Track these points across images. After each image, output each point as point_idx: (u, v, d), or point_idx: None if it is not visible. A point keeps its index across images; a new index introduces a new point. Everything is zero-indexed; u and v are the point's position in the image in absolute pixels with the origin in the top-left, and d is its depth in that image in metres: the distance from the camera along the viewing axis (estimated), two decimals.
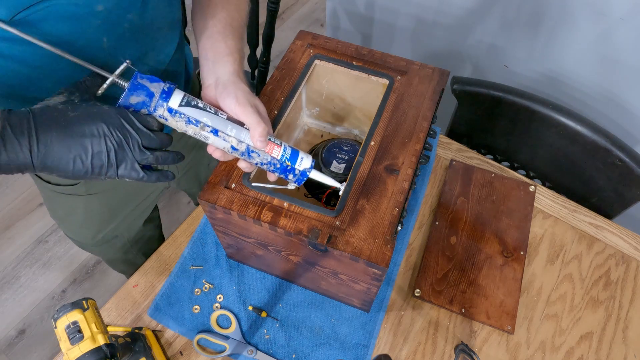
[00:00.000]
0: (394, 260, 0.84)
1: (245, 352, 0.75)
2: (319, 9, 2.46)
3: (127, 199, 0.92)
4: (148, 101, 0.52)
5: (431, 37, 1.38)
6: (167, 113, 0.53)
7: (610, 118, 1.17)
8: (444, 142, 1.00)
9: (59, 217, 0.93)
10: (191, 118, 0.54)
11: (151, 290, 0.82)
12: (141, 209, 0.96)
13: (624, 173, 0.94)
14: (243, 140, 0.56)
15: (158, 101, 0.52)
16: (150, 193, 0.95)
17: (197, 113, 0.54)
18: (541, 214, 0.91)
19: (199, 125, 0.54)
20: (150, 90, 0.52)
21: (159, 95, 0.52)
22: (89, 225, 0.92)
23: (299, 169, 0.60)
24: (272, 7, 1.29)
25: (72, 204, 0.86)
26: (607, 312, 0.81)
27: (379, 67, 0.76)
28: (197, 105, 0.55)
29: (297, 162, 0.60)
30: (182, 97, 0.54)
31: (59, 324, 0.59)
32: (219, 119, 0.56)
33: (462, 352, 0.74)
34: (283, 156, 0.59)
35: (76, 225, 0.93)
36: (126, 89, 0.51)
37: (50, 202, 0.89)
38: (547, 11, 1.10)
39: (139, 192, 0.92)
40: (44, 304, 1.58)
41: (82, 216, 0.89)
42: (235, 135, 0.56)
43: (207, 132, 0.55)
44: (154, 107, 0.52)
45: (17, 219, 1.74)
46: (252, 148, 0.57)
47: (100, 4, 0.56)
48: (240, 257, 0.82)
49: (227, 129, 0.56)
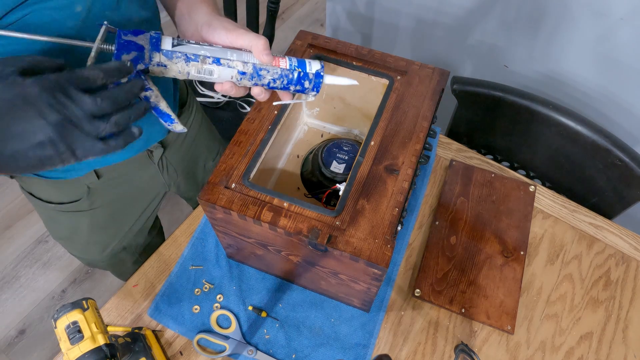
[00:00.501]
0: (394, 260, 0.84)
1: (245, 352, 0.75)
2: (319, 9, 2.46)
3: (132, 208, 0.90)
4: (141, 54, 0.50)
5: (431, 37, 1.38)
6: (164, 58, 0.51)
7: (610, 118, 1.17)
8: (444, 142, 1.00)
9: (64, 238, 0.90)
10: (189, 54, 0.52)
11: (151, 290, 0.82)
12: (146, 215, 0.95)
13: (624, 173, 0.94)
14: (248, 61, 0.55)
15: (151, 51, 0.50)
16: (153, 198, 0.94)
17: (193, 48, 0.52)
18: (541, 214, 0.91)
19: (199, 59, 0.52)
20: (138, 44, 0.49)
21: (149, 44, 0.50)
22: (96, 241, 0.91)
23: (311, 72, 0.59)
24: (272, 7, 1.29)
25: (77, 220, 0.84)
26: (607, 312, 0.81)
27: (379, 67, 0.76)
28: (189, 42, 0.53)
29: (307, 67, 0.59)
30: (172, 39, 0.52)
31: (59, 324, 0.59)
32: (217, 49, 0.54)
33: (462, 352, 0.74)
34: (291, 64, 0.57)
35: (82, 243, 0.91)
36: (114, 51, 0.49)
37: (53, 223, 0.86)
38: (547, 11, 1.10)
39: (141, 198, 0.91)
40: (44, 304, 1.58)
41: (87, 232, 0.87)
42: (238, 58, 0.54)
43: (210, 64, 0.53)
44: (149, 58, 0.50)
45: (17, 219, 1.74)
46: (260, 66, 0.55)
47: (79, 4, 0.54)
48: (240, 257, 0.82)
49: (227, 54, 0.54)
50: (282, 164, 0.85)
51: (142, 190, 0.89)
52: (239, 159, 0.66)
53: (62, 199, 0.78)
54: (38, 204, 0.80)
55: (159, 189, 0.93)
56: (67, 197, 0.78)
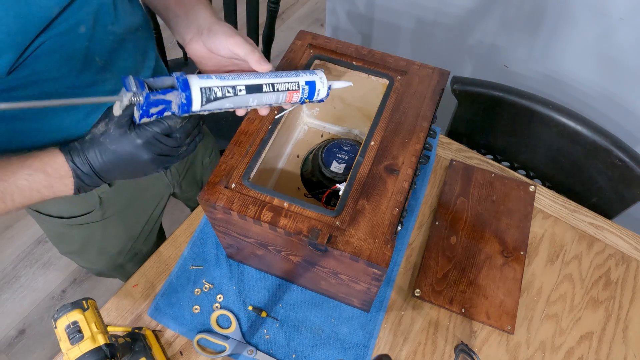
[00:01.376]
0: (394, 260, 0.84)
1: (245, 352, 0.75)
2: (319, 9, 2.46)
3: (140, 213, 0.90)
4: (169, 106, 0.52)
5: (431, 37, 1.38)
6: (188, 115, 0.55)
7: (610, 118, 1.17)
8: (444, 142, 1.00)
9: (74, 251, 0.89)
10: (214, 110, 0.55)
11: (151, 290, 0.82)
12: (153, 219, 0.95)
13: (624, 173, 0.94)
14: (266, 103, 0.59)
15: (179, 112, 0.52)
16: (159, 201, 0.94)
17: (218, 104, 0.54)
18: (541, 214, 0.91)
19: (222, 109, 0.56)
20: (169, 105, 0.51)
21: (179, 109, 0.52)
22: (109, 250, 0.90)
23: (317, 99, 0.64)
24: (272, 7, 1.29)
25: (89, 232, 0.83)
26: (607, 312, 0.81)
27: (379, 67, 0.76)
28: (216, 96, 0.54)
29: (315, 96, 0.64)
30: (201, 97, 0.52)
31: (59, 324, 0.59)
32: (238, 98, 0.56)
33: (462, 352, 0.74)
34: (302, 98, 0.62)
35: (94, 255, 0.90)
36: (143, 107, 0.50)
37: (62, 238, 0.85)
38: (547, 11, 1.10)
39: (149, 202, 0.91)
40: (44, 304, 1.58)
41: (99, 243, 0.87)
42: (258, 103, 0.58)
43: (229, 109, 0.57)
44: (179, 112, 0.53)
45: (17, 219, 1.74)
46: (275, 105, 0.61)
47: (82, 25, 0.56)
48: (240, 257, 0.82)
49: (249, 101, 0.57)
50: (282, 164, 0.85)
51: (149, 194, 0.89)
52: (239, 159, 0.66)
53: (74, 212, 0.78)
54: (46, 221, 0.79)
55: (163, 191, 0.93)
56: (79, 210, 0.78)
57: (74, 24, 0.55)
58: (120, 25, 0.62)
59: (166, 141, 0.54)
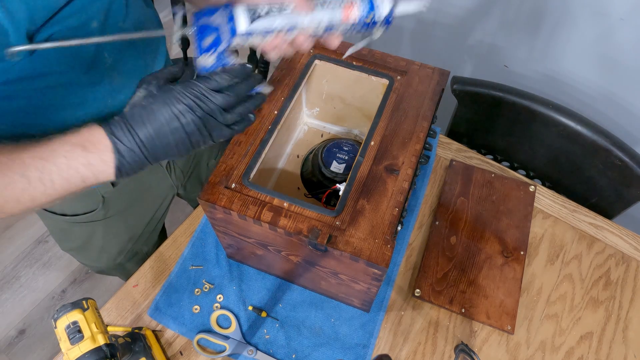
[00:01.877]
0: (394, 260, 0.84)
1: (245, 352, 0.75)
2: None
3: (143, 213, 0.90)
4: (218, 39, 0.50)
5: (431, 37, 1.38)
6: (240, 40, 0.51)
7: (610, 118, 1.17)
8: (444, 142, 1.00)
9: (75, 248, 0.90)
10: (265, 31, 0.51)
11: (151, 290, 0.82)
12: (156, 219, 0.96)
13: (624, 173, 0.94)
14: (320, 22, 0.53)
15: (230, 36, 0.50)
16: (162, 202, 0.94)
17: (266, 23, 0.51)
18: (541, 214, 0.91)
19: (274, 32, 0.52)
20: (214, 26, 0.50)
21: (227, 26, 0.50)
22: (110, 249, 0.91)
23: (380, 21, 0.55)
24: None
25: (91, 230, 0.84)
26: (607, 312, 0.81)
27: (379, 67, 0.76)
28: (262, 13, 0.51)
29: (376, 13, 0.54)
30: (247, 14, 0.51)
31: (59, 324, 0.59)
32: (288, 17, 0.52)
33: (462, 352, 0.74)
34: (361, 17, 0.54)
35: (95, 252, 0.90)
36: (196, 37, 0.49)
37: (64, 234, 0.86)
38: (547, 11, 1.10)
39: (152, 202, 0.91)
40: (44, 304, 1.58)
41: (101, 242, 0.87)
42: (310, 23, 0.53)
43: (285, 33, 0.52)
44: (227, 40, 0.50)
45: (17, 219, 1.74)
46: (331, 25, 0.53)
47: (94, 20, 0.56)
48: (240, 257, 0.82)
49: (299, 21, 0.52)
50: (282, 164, 0.85)
51: (152, 195, 0.89)
52: (239, 159, 0.66)
53: (77, 210, 0.78)
54: (49, 217, 0.79)
55: (167, 192, 0.93)
56: (82, 209, 0.78)
57: (85, 19, 0.55)
58: (131, 23, 0.62)
59: (214, 98, 0.50)
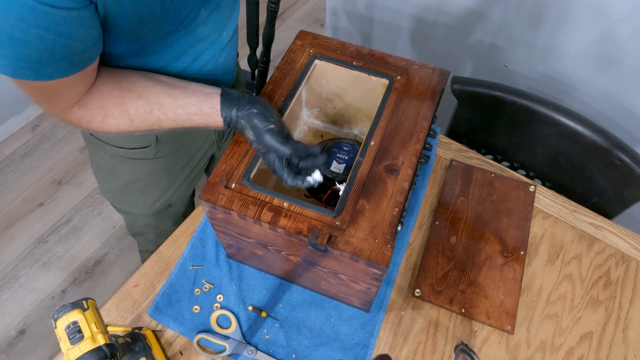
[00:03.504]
0: (394, 260, 0.84)
1: (245, 352, 0.75)
2: (319, 9, 2.46)
3: (186, 163, 0.93)
4: None
5: (431, 37, 1.38)
6: None
7: (610, 118, 1.17)
8: (444, 142, 1.00)
9: (118, 189, 0.93)
10: None
11: (151, 290, 0.82)
12: (194, 174, 0.98)
13: (624, 173, 0.94)
14: None
15: None
16: (202, 156, 0.96)
17: None
18: (541, 214, 0.91)
19: None
20: None
21: None
22: (150, 192, 0.93)
23: None
24: (272, 7, 1.28)
25: (138, 169, 0.86)
26: (607, 312, 0.81)
27: (379, 67, 0.76)
28: None
29: None
30: None
31: (59, 324, 0.59)
32: None
33: (462, 352, 0.74)
34: None
35: (136, 195, 0.93)
36: None
37: (111, 172, 0.89)
38: (547, 11, 1.10)
39: (195, 154, 0.93)
40: (44, 304, 1.58)
41: (145, 182, 0.90)
42: None
43: None
44: None
45: (17, 219, 1.74)
46: None
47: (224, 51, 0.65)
48: (240, 257, 0.82)
49: None
50: None
51: (197, 146, 0.92)
52: (239, 159, 0.66)
53: (134, 144, 0.81)
54: (105, 150, 0.82)
55: (208, 147, 0.95)
56: (139, 142, 0.81)
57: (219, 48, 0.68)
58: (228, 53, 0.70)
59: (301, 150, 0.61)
